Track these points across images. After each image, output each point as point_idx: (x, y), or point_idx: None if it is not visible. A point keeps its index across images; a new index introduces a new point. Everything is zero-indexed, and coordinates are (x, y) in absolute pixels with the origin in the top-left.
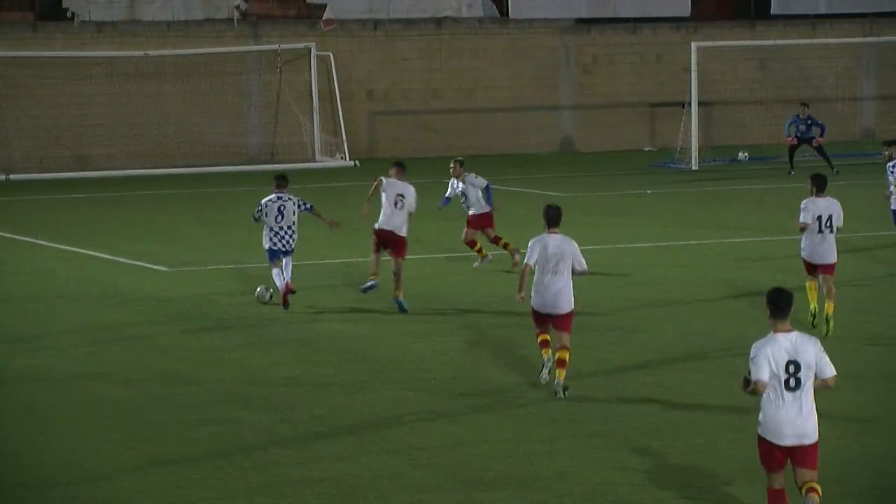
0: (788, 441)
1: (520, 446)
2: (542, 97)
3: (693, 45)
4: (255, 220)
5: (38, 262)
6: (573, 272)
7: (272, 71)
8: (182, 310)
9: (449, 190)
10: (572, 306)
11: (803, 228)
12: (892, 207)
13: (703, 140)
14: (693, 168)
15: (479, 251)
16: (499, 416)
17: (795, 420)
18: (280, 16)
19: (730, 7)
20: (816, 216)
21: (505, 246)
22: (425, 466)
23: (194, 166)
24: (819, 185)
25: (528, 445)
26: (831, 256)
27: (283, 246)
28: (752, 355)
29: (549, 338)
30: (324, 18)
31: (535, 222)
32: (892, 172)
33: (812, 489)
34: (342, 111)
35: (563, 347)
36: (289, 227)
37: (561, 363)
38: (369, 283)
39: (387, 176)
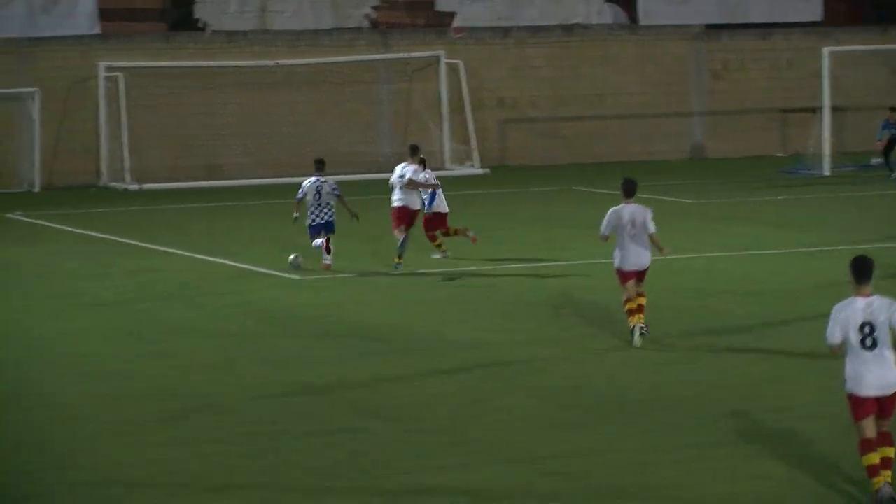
0: (872, 392)
1: (647, 455)
2: (672, 103)
3: (825, 51)
4: (298, 200)
5: (173, 272)
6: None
7: (402, 79)
8: (311, 319)
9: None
10: (649, 262)
11: None
12: None
13: (835, 145)
14: (825, 174)
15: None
16: (624, 424)
17: (878, 373)
18: (409, 24)
19: (862, 12)
20: None
21: (455, 232)
22: (553, 475)
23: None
24: None
25: (656, 455)
26: None
27: (324, 218)
28: (830, 316)
29: (634, 305)
30: (453, 26)
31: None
32: None
33: (887, 461)
34: (472, 119)
35: (641, 295)
36: (326, 204)
37: (640, 309)
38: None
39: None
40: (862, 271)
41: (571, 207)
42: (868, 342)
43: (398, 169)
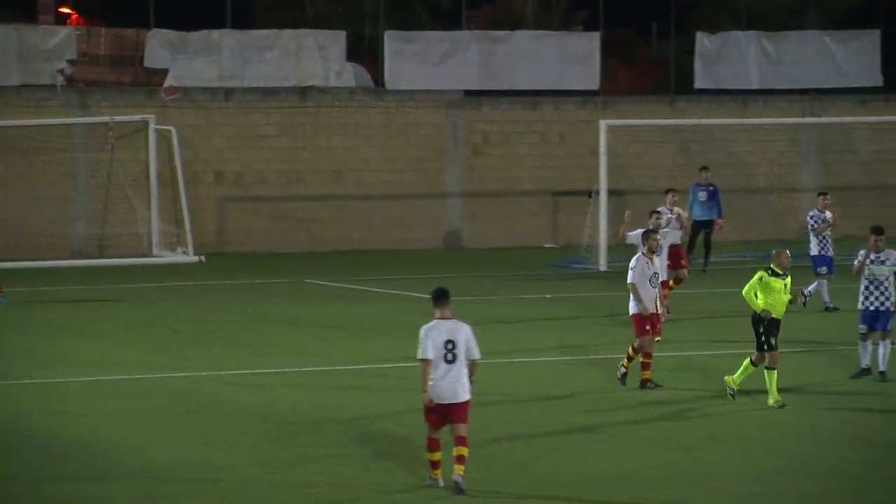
0: (445, 400)
1: None
2: (425, 183)
3: (602, 124)
4: None
5: None
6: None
7: (102, 148)
8: None
9: None
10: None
11: None
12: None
13: (613, 236)
14: (601, 269)
15: None
16: None
17: (451, 385)
18: (113, 82)
19: (646, 80)
20: None
21: None
22: None
23: (8, 261)
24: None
25: None
26: None
27: None
28: (420, 337)
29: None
30: (165, 86)
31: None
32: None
33: (460, 457)
34: (186, 197)
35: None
36: None
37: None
38: None
39: None
40: (439, 298)
41: (305, 303)
42: (449, 357)
43: None
